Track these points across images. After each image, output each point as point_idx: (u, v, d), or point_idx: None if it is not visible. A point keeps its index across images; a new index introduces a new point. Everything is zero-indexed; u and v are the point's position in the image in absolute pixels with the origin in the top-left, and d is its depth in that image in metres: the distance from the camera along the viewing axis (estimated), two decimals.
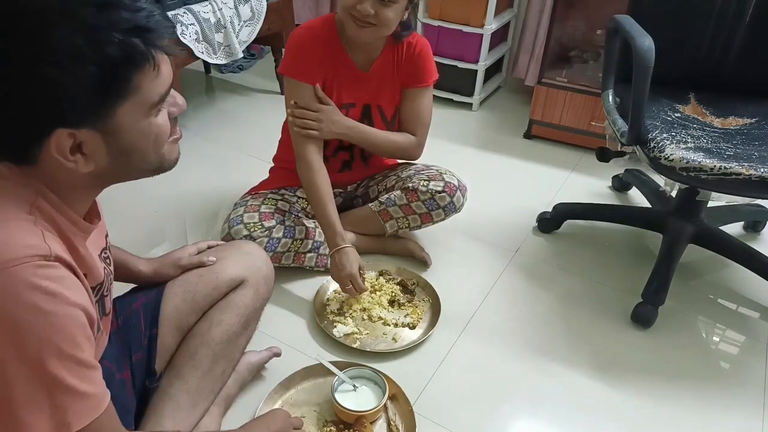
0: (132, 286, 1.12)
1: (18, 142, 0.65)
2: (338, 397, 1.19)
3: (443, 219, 1.61)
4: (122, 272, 1.06)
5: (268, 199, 1.57)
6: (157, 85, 0.69)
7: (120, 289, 1.05)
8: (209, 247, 1.19)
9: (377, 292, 1.53)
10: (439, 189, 1.56)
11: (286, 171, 1.63)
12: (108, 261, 0.88)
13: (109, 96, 0.64)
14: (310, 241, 1.56)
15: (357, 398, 1.20)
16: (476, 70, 2.58)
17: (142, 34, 0.63)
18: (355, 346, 1.38)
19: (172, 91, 0.74)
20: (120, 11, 0.62)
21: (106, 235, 0.90)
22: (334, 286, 1.55)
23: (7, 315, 0.61)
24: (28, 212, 0.67)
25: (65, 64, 0.60)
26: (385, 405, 1.20)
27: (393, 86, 1.55)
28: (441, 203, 1.57)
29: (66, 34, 0.59)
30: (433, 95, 2.72)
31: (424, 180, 1.58)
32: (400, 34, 1.47)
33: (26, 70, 0.60)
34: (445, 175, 1.60)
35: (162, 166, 0.77)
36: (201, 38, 2.14)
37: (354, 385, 1.23)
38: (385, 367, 1.31)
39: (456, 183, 1.59)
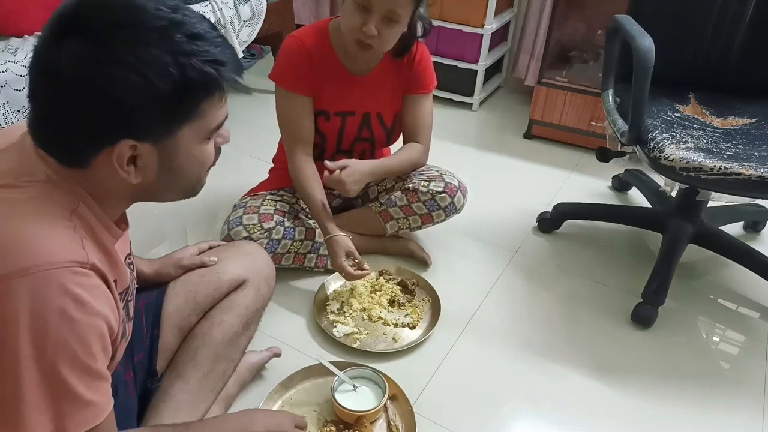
0: None
1: (84, 144, 0.68)
2: (338, 397, 1.19)
3: (444, 220, 1.61)
4: None
5: (268, 200, 1.57)
6: (218, 115, 0.74)
7: None
8: (210, 248, 1.19)
9: (377, 292, 1.53)
10: (440, 190, 1.56)
11: (285, 172, 1.62)
12: (132, 267, 0.90)
13: (177, 115, 0.69)
14: (310, 242, 1.56)
15: (357, 398, 1.20)
16: (476, 70, 2.58)
17: (218, 65, 0.69)
18: (355, 346, 1.38)
19: None
20: (204, 43, 0.68)
21: (129, 242, 0.91)
22: (334, 286, 1.56)
23: (35, 315, 0.62)
24: (68, 218, 0.69)
25: (151, 77, 0.64)
26: (385, 405, 1.21)
27: (393, 92, 1.55)
28: (442, 204, 1.57)
29: (159, 52, 0.64)
30: (433, 95, 2.75)
31: (425, 181, 1.58)
32: (408, 44, 1.47)
33: (115, 75, 0.64)
34: (445, 176, 1.59)
35: (194, 190, 0.82)
36: None
37: (354, 385, 1.23)
38: (385, 367, 1.31)
39: (456, 184, 1.59)
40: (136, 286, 1.11)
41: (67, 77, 0.64)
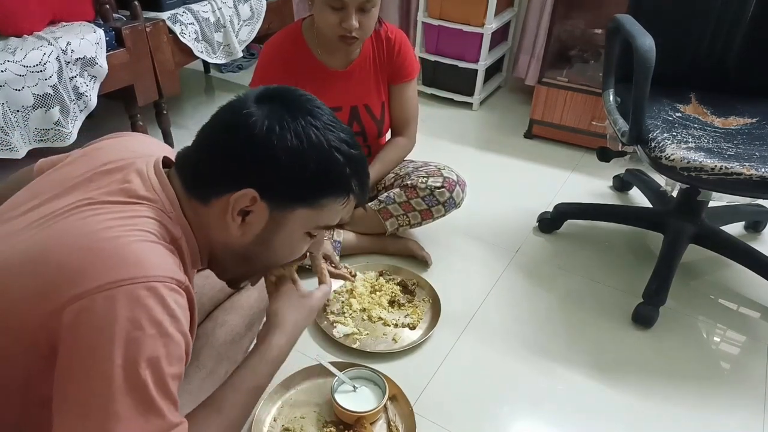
0: None
1: (221, 182, 0.74)
2: (338, 397, 1.19)
3: (443, 215, 1.61)
4: None
5: None
6: (332, 217, 0.80)
7: None
8: None
9: (377, 293, 1.53)
10: (438, 185, 1.56)
11: None
12: None
13: (304, 192, 0.76)
14: None
15: (357, 399, 1.20)
16: (476, 70, 2.57)
17: (358, 181, 0.79)
18: (355, 346, 1.38)
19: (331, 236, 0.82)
20: (362, 165, 0.80)
21: None
22: (334, 286, 1.55)
23: (133, 323, 0.62)
24: (170, 243, 0.74)
25: (309, 151, 0.73)
26: (385, 405, 1.20)
27: (377, 82, 1.56)
28: (440, 199, 1.57)
29: (326, 139, 0.75)
30: (433, 95, 2.76)
31: (423, 176, 1.58)
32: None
33: (285, 135, 0.73)
34: (443, 171, 1.59)
35: (260, 273, 0.88)
36: (200, 38, 2.14)
37: (354, 386, 1.23)
38: (385, 367, 1.31)
39: (455, 178, 1.59)
40: None
41: (251, 128, 0.71)
